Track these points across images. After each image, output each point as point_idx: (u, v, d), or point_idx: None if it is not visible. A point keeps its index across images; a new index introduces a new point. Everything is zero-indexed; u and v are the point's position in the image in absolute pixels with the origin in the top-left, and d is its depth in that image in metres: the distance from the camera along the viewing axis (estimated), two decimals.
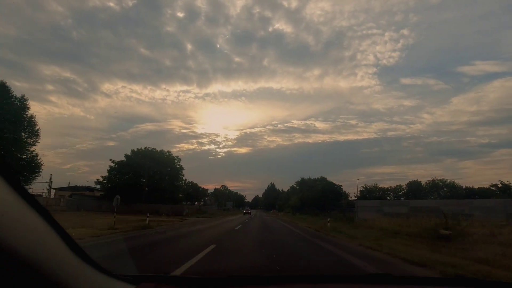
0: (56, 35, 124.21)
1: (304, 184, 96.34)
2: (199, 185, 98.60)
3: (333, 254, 8.81)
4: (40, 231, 0.79)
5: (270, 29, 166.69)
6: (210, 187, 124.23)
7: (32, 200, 0.77)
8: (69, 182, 62.23)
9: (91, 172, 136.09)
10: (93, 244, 9.46)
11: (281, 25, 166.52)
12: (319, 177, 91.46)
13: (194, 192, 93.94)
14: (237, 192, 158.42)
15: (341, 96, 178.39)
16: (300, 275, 1.70)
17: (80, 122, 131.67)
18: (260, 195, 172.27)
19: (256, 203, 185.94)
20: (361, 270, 6.28)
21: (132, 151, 47.68)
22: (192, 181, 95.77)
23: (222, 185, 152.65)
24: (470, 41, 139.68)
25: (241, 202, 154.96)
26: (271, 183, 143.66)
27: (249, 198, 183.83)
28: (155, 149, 49.68)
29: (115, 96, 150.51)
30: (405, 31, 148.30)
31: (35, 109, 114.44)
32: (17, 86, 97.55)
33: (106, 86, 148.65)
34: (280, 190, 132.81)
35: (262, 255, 8.15)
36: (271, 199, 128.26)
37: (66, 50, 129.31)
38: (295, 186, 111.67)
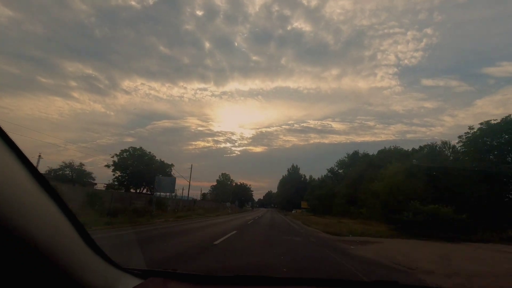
0: (80, 33, 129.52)
1: (357, 160, 50.04)
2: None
3: None
4: (57, 221, 0.81)
5: (289, 27, 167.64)
6: None
7: (51, 191, 0.79)
8: None
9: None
10: None
11: (300, 24, 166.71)
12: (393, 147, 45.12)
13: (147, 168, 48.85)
14: (244, 185, 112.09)
15: (359, 96, 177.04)
16: (305, 278, 1.67)
17: (101, 118, 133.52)
18: (274, 190, 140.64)
19: (268, 200, 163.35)
20: None
21: None
22: (146, 149, 51.37)
23: (222, 173, 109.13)
24: (497, 42, 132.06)
25: (247, 198, 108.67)
26: (292, 165, 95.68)
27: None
28: None
29: (134, 93, 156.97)
30: (428, 30, 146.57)
31: (59, 104, 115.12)
32: (43, 82, 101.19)
33: (126, 83, 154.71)
34: (307, 177, 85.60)
35: None
36: (293, 192, 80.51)
37: (89, 48, 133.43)
38: (335, 169, 65.30)
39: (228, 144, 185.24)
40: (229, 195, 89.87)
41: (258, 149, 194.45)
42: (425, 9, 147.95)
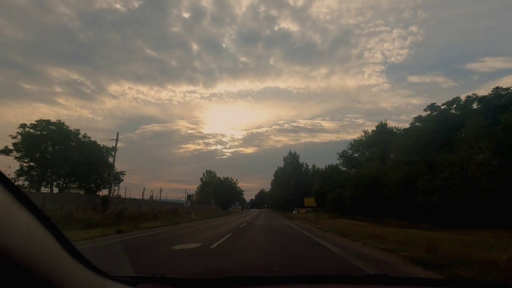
0: (64, 37, 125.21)
1: (386, 132, 34.59)
2: None
3: None
4: (34, 231, 0.78)
5: (276, 28, 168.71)
6: None
7: (25, 200, 0.75)
8: None
9: None
10: None
11: (287, 24, 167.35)
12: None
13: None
14: (229, 179, 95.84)
15: (348, 95, 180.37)
16: (297, 275, 1.70)
17: (88, 124, 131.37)
18: (267, 189, 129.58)
19: (261, 200, 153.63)
20: None
21: None
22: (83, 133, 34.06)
23: (206, 171, 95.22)
24: (479, 38, 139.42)
25: (234, 196, 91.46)
26: (290, 152, 79.03)
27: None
28: None
29: (122, 98, 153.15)
30: (413, 28, 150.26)
31: (44, 111, 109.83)
32: (27, 89, 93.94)
33: (113, 88, 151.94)
34: (308, 166, 68.97)
35: None
36: (292, 186, 63.64)
37: (74, 52, 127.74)
38: (349, 152, 49.61)
39: (219, 146, 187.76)
40: (215, 193, 73.71)
41: (249, 150, 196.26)
42: (410, 7, 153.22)
